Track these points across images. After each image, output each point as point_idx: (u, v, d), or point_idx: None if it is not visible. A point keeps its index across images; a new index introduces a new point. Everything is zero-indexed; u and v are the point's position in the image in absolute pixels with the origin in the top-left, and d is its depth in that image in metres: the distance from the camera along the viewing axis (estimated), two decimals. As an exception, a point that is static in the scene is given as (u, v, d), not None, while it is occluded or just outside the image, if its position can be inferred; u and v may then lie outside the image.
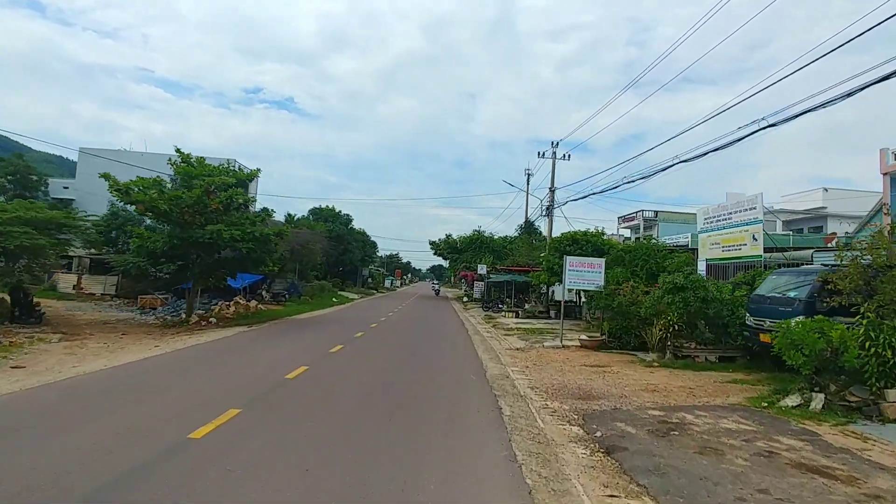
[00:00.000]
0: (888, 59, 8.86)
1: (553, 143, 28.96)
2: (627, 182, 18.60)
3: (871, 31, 8.78)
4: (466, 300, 45.16)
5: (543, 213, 28.94)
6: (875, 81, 9.34)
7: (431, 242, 51.74)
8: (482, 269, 36.58)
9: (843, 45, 9.43)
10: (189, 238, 15.70)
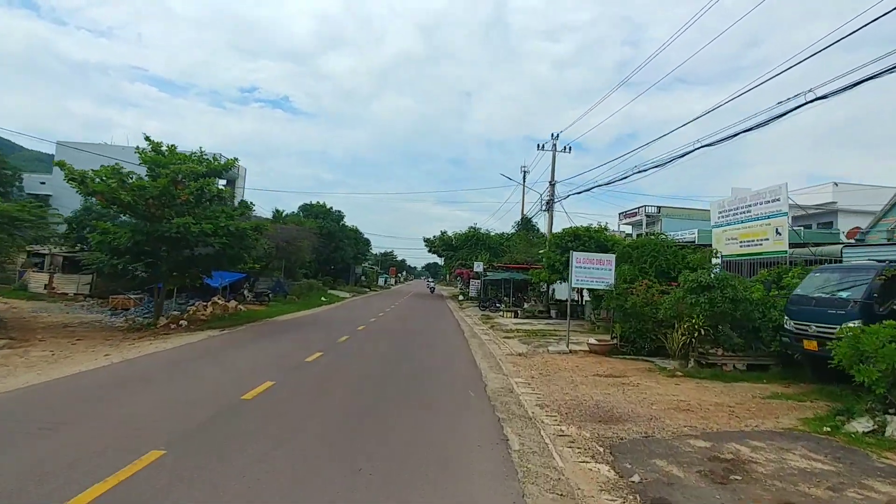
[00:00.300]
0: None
1: (553, 135, 27.51)
2: (639, 171, 17.17)
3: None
4: (462, 299, 43.69)
5: (543, 208, 27.51)
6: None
7: (426, 239, 50.21)
8: (479, 267, 35.12)
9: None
10: (155, 233, 14.13)
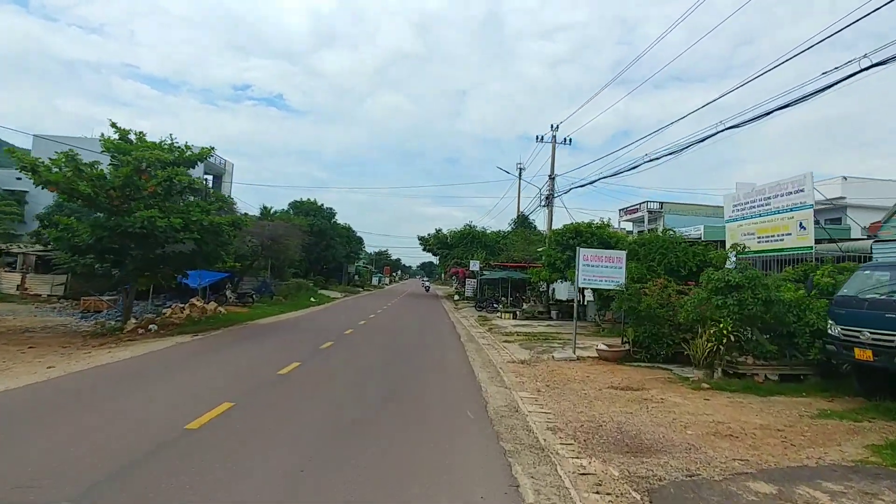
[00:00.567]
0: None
1: (552, 126, 26.27)
2: (651, 160, 15.92)
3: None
4: (458, 298, 42.42)
5: (542, 203, 26.26)
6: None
7: (420, 238, 48.87)
8: (475, 266, 33.83)
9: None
10: (118, 228, 12.75)
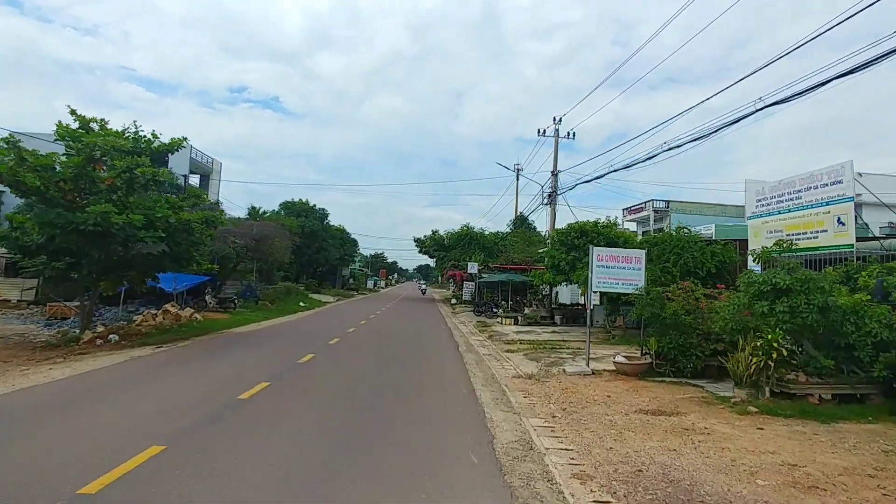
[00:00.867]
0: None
1: (555, 119, 24.84)
2: (670, 148, 14.47)
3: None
4: (455, 302, 40.90)
5: (545, 202, 24.81)
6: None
7: (416, 239, 47.38)
8: (473, 268, 32.31)
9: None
10: (70, 225, 11.22)
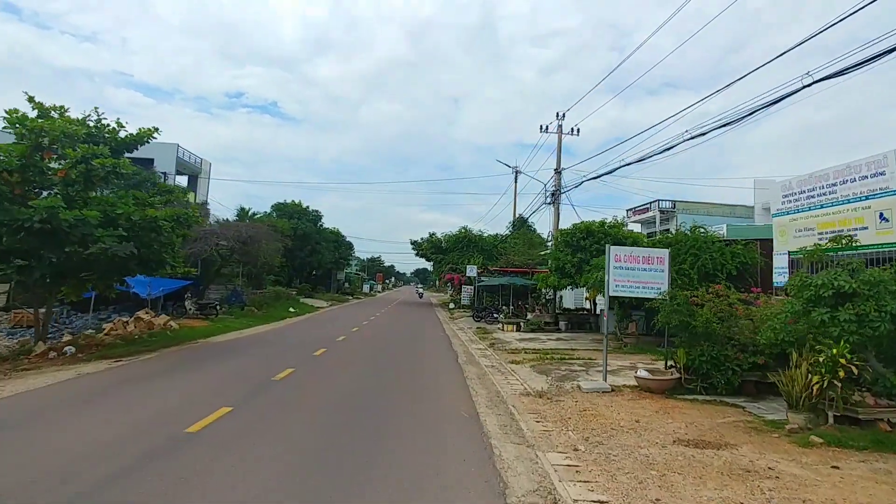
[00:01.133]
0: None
1: (558, 115, 23.56)
2: (691, 137, 13.15)
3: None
4: (453, 307, 39.52)
5: (548, 201, 23.50)
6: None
7: (413, 242, 45.97)
8: (472, 271, 30.98)
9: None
10: (14, 222, 9.84)
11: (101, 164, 10.64)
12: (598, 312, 22.09)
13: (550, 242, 29.07)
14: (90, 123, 11.74)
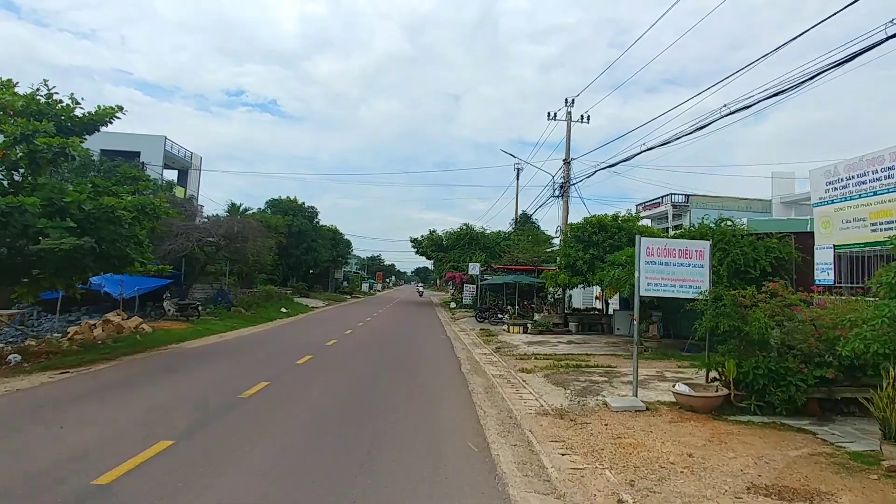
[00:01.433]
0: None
1: (567, 101, 22.02)
2: (729, 113, 11.59)
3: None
4: (454, 306, 38.01)
5: (556, 193, 21.99)
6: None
7: (413, 240, 44.53)
8: (474, 269, 29.46)
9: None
10: (-61, 211, 8.36)
11: (47, 144, 9.16)
12: (611, 313, 20.59)
13: (557, 238, 27.58)
14: (40, 99, 10.25)
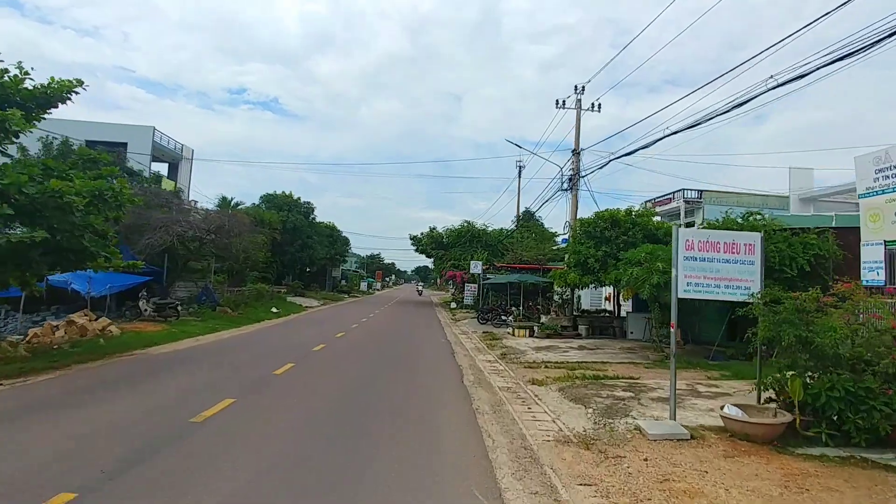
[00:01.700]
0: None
1: (577, 88, 20.61)
2: (769, 89, 10.14)
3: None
4: (455, 307, 36.62)
5: (564, 187, 20.58)
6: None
7: (413, 237, 43.13)
8: (476, 268, 28.07)
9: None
10: None
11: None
12: (624, 315, 19.21)
13: (563, 236, 26.19)
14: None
